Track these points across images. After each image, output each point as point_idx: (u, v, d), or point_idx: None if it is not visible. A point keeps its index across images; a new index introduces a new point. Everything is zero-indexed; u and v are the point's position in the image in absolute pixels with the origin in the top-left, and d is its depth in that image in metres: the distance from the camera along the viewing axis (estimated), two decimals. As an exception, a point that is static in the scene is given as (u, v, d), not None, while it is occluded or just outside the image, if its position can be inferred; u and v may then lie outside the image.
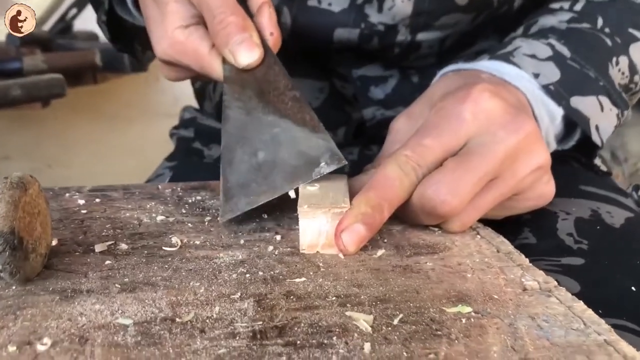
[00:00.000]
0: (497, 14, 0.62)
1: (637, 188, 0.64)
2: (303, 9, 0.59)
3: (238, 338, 0.28)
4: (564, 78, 0.49)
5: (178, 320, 0.29)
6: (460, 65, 0.51)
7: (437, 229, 0.43)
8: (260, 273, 0.35)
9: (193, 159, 0.73)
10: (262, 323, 0.29)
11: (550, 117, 0.49)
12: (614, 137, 0.91)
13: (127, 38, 0.60)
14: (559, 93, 0.49)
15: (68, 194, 0.49)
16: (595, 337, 0.29)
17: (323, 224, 0.38)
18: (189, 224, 0.43)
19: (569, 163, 0.60)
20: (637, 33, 0.54)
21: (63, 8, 1.49)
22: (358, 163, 0.66)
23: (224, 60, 0.44)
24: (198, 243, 0.39)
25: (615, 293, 0.42)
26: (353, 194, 0.40)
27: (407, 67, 0.66)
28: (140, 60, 0.65)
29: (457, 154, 0.41)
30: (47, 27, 1.49)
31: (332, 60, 0.66)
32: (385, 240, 0.41)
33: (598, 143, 0.51)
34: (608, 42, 0.52)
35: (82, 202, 0.47)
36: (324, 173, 0.40)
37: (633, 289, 0.42)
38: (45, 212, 0.35)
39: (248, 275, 0.35)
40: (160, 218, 0.44)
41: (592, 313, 0.31)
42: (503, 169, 0.41)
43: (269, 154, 0.41)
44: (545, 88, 0.49)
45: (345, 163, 0.40)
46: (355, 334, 0.28)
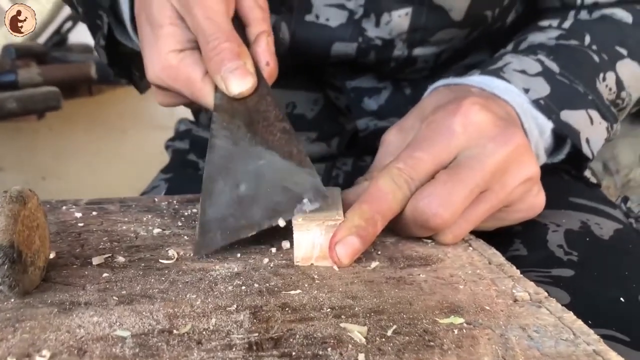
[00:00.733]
0: (490, 30, 0.63)
1: (626, 200, 0.65)
2: (301, 25, 0.60)
3: (234, 349, 0.28)
4: (554, 93, 0.50)
5: (175, 332, 0.30)
6: (451, 80, 0.52)
7: (429, 241, 0.43)
8: (256, 285, 0.35)
9: (188, 171, 0.74)
10: (258, 335, 0.30)
11: (540, 130, 0.50)
12: (605, 148, 0.93)
13: (124, 63, 0.59)
14: (549, 107, 0.50)
15: (65, 207, 0.49)
16: (585, 347, 0.29)
17: (317, 237, 0.39)
18: (185, 237, 0.43)
19: (559, 175, 0.61)
20: (623, 51, 0.55)
21: (58, 21, 1.49)
22: (352, 174, 0.67)
23: (217, 88, 0.42)
24: (194, 256, 0.40)
25: (605, 304, 0.43)
26: (347, 207, 0.41)
27: (400, 79, 0.67)
28: (138, 86, 0.64)
29: (448, 167, 0.42)
30: (42, 39, 1.50)
31: (326, 73, 0.67)
32: (379, 253, 0.41)
33: (589, 156, 0.52)
34: (595, 58, 0.53)
35: (79, 215, 0.47)
36: (307, 211, 0.39)
37: (622, 300, 0.43)
38: (44, 225, 0.36)
39: (244, 288, 0.35)
40: (157, 231, 0.44)
41: (581, 324, 0.32)
42: (493, 181, 0.41)
43: (251, 187, 0.40)
44: (536, 102, 0.50)
45: (328, 200, 0.39)
46: (350, 345, 0.29)
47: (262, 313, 0.32)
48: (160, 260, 0.39)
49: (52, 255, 0.38)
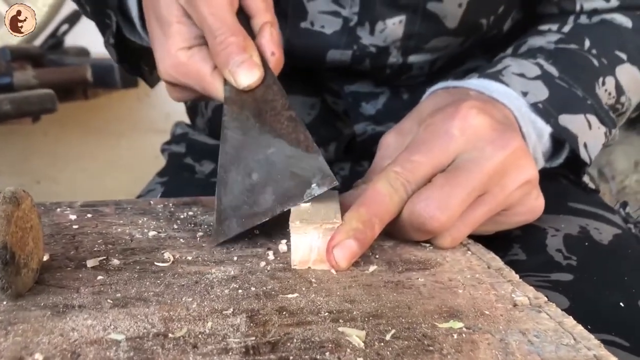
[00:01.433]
0: (486, 37, 0.63)
1: (624, 205, 0.65)
2: (296, 31, 0.60)
3: (231, 354, 0.28)
4: (552, 96, 0.50)
5: (171, 336, 0.29)
6: (450, 83, 0.52)
7: (428, 245, 0.43)
8: (253, 289, 0.35)
9: (184, 175, 0.73)
10: (254, 339, 0.29)
11: (538, 134, 0.50)
12: (601, 155, 0.93)
13: (134, 59, 0.60)
14: (548, 111, 0.50)
15: (59, 209, 0.49)
16: (586, 352, 0.29)
17: (315, 240, 0.38)
18: (181, 240, 0.43)
19: (558, 180, 0.61)
20: (623, 55, 0.55)
21: (54, 24, 1.49)
22: (349, 179, 0.66)
23: (226, 81, 0.44)
24: (190, 259, 0.39)
25: (604, 309, 0.42)
26: (344, 210, 0.40)
27: (397, 85, 0.67)
28: (148, 80, 0.65)
29: (445, 170, 0.42)
30: (38, 42, 1.49)
31: (324, 77, 0.67)
32: (377, 256, 0.41)
33: (586, 160, 0.51)
34: (595, 62, 0.53)
35: (73, 217, 0.47)
36: (315, 195, 0.40)
37: (622, 305, 0.42)
38: (38, 227, 0.35)
39: (240, 291, 0.35)
40: (152, 233, 0.44)
41: (582, 329, 0.31)
42: (492, 184, 0.41)
43: (262, 175, 0.41)
44: (534, 106, 0.50)
45: (337, 184, 0.40)
46: (348, 350, 0.28)
47: (259, 317, 0.32)
48: (156, 263, 0.38)
49: (45, 258, 0.38)
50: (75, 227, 0.45)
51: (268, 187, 0.41)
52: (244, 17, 0.45)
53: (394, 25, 0.58)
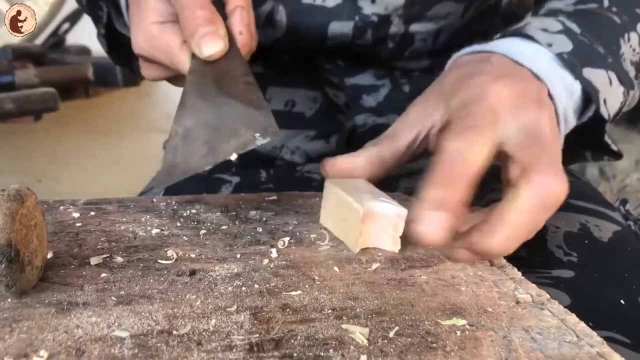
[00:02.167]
0: (486, 7, 0.63)
1: (624, 202, 0.65)
2: (298, 6, 0.61)
3: (235, 351, 0.28)
4: (575, 50, 0.49)
5: (175, 333, 0.29)
6: (474, 48, 0.50)
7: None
8: (256, 286, 0.35)
9: (186, 173, 0.73)
10: (258, 336, 0.29)
11: (569, 91, 0.49)
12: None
13: (124, 52, 0.61)
14: (572, 62, 0.48)
15: (62, 207, 0.49)
16: (589, 349, 0.29)
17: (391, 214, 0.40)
18: (184, 237, 0.43)
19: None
20: None
21: (56, 22, 1.49)
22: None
23: (193, 56, 0.45)
24: (193, 256, 0.40)
25: (605, 306, 0.43)
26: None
27: (398, 76, 0.67)
28: (137, 74, 0.66)
29: (500, 202, 0.40)
30: (39, 41, 1.49)
31: (325, 71, 0.67)
32: (380, 254, 0.41)
33: (605, 116, 0.50)
34: (617, 19, 0.52)
35: (76, 215, 0.47)
36: (258, 144, 0.41)
37: (622, 302, 0.43)
38: (42, 224, 0.35)
39: (244, 288, 0.35)
40: (156, 231, 0.44)
41: (584, 326, 0.31)
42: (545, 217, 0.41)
43: (213, 128, 0.43)
44: (559, 56, 0.49)
45: (279, 134, 0.41)
46: (352, 347, 0.29)
47: (262, 314, 0.32)
48: (159, 261, 0.39)
49: (49, 255, 0.38)
50: (79, 224, 0.45)
51: (218, 138, 0.42)
52: (220, 3, 0.47)
53: None
